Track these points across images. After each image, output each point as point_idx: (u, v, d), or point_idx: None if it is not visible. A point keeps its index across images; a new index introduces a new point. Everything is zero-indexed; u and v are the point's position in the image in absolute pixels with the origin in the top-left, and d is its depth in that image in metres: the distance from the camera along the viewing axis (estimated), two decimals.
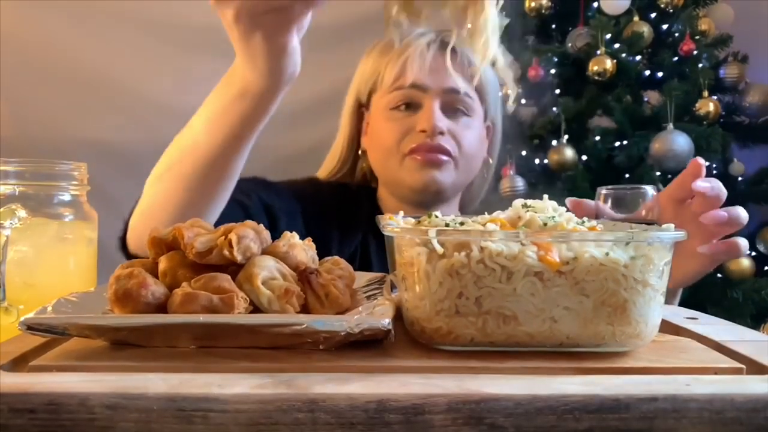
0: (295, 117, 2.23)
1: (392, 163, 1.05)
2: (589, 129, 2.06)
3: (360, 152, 1.15)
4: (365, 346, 0.46)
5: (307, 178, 1.18)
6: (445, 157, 1.03)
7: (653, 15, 2.10)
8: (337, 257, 0.57)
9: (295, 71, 0.67)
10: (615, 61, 1.98)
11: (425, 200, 1.05)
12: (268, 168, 1.06)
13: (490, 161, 1.18)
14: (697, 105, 1.98)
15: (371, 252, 1.07)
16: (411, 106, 1.05)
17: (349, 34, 2.46)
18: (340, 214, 1.09)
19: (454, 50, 1.06)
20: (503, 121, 1.19)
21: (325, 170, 1.18)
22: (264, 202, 0.99)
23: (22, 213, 0.56)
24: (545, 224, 0.49)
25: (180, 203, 0.75)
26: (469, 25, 0.63)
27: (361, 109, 1.14)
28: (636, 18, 2.04)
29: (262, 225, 0.53)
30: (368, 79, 1.10)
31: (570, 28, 2.11)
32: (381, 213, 1.05)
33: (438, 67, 1.05)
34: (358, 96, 1.13)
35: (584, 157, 2.01)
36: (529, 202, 0.54)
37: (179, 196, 0.76)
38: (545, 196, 0.55)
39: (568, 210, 0.52)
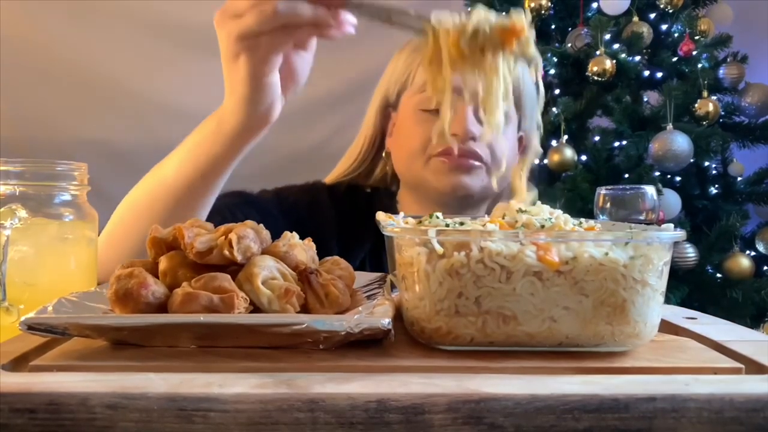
0: (294, 118, 2.24)
1: (416, 165, 1.00)
2: (588, 129, 2.07)
3: (384, 154, 1.09)
4: (365, 346, 0.46)
5: (307, 185, 1.12)
6: (476, 162, 0.98)
7: (653, 15, 2.10)
8: (337, 257, 0.57)
9: (269, 110, 0.69)
10: (614, 61, 1.98)
11: (450, 204, 0.99)
12: (267, 168, 1.04)
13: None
14: (696, 105, 1.98)
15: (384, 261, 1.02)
16: None
17: (348, 36, 2.46)
18: (343, 226, 1.04)
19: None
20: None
21: (339, 169, 1.12)
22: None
23: (22, 213, 0.56)
24: (542, 226, 0.49)
25: (143, 235, 0.67)
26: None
27: (388, 109, 1.08)
28: (635, 18, 2.04)
29: (261, 225, 0.54)
30: (398, 78, 1.05)
31: (569, 29, 2.11)
32: None
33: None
34: (387, 95, 1.07)
35: (584, 157, 2.02)
36: (523, 206, 0.54)
37: (143, 227, 0.73)
38: (537, 202, 0.55)
39: None
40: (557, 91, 2.10)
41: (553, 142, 2.04)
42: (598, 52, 2.00)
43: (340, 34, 0.65)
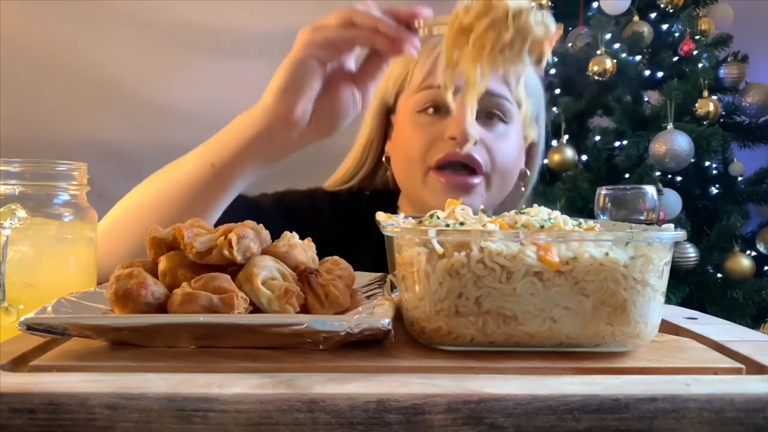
0: None
1: (415, 176, 0.96)
2: (589, 129, 2.07)
3: (384, 159, 1.04)
4: (365, 346, 0.46)
5: (309, 191, 1.09)
6: (475, 180, 0.93)
7: (653, 15, 2.10)
8: (337, 257, 0.57)
9: (293, 108, 0.71)
10: (615, 61, 1.98)
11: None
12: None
13: (528, 173, 1.07)
14: (697, 105, 1.98)
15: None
16: (440, 110, 0.95)
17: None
18: (344, 234, 1.00)
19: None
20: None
21: (338, 175, 1.09)
22: None
23: (22, 213, 0.56)
24: (542, 227, 0.49)
25: (144, 234, 0.59)
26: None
27: (387, 113, 1.04)
28: (636, 18, 2.04)
29: (261, 225, 0.53)
30: (396, 79, 1.00)
31: (570, 28, 2.11)
32: None
33: None
34: (385, 97, 1.02)
35: (584, 157, 2.02)
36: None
37: (146, 225, 0.65)
38: (534, 205, 0.55)
39: None
40: (558, 91, 2.10)
41: (554, 142, 2.04)
42: (598, 52, 2.00)
43: (397, 52, 0.69)
